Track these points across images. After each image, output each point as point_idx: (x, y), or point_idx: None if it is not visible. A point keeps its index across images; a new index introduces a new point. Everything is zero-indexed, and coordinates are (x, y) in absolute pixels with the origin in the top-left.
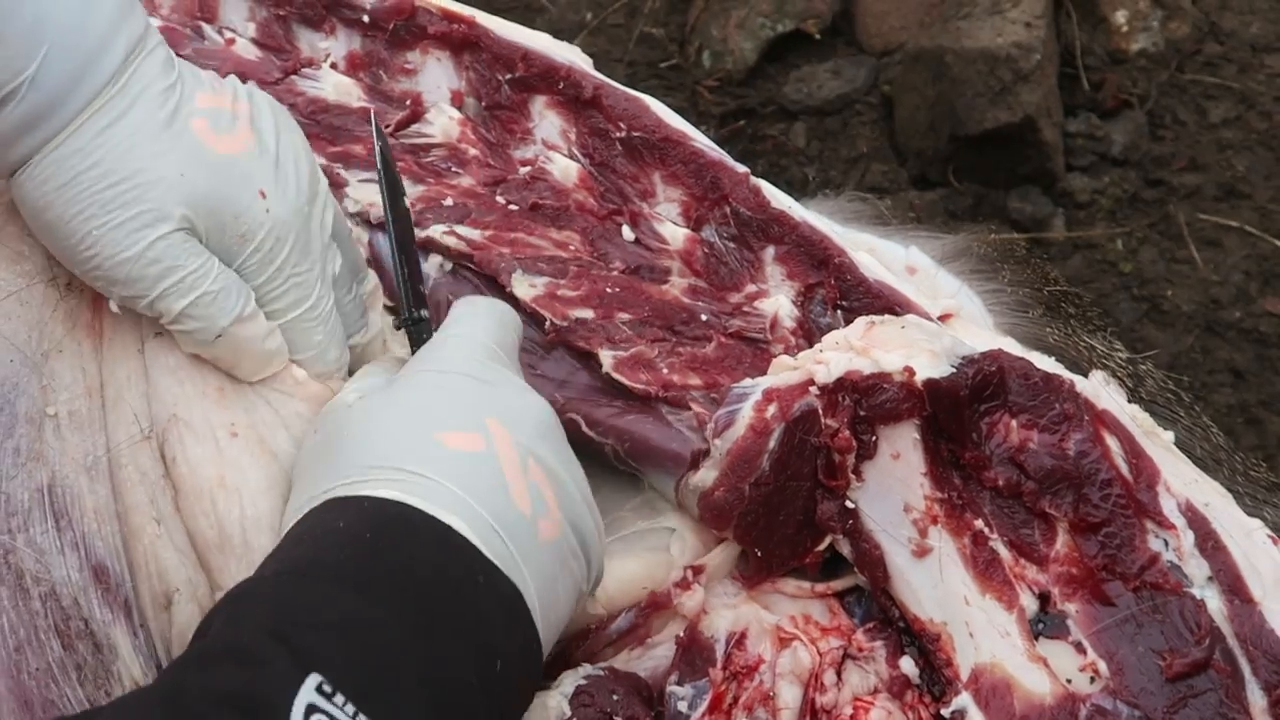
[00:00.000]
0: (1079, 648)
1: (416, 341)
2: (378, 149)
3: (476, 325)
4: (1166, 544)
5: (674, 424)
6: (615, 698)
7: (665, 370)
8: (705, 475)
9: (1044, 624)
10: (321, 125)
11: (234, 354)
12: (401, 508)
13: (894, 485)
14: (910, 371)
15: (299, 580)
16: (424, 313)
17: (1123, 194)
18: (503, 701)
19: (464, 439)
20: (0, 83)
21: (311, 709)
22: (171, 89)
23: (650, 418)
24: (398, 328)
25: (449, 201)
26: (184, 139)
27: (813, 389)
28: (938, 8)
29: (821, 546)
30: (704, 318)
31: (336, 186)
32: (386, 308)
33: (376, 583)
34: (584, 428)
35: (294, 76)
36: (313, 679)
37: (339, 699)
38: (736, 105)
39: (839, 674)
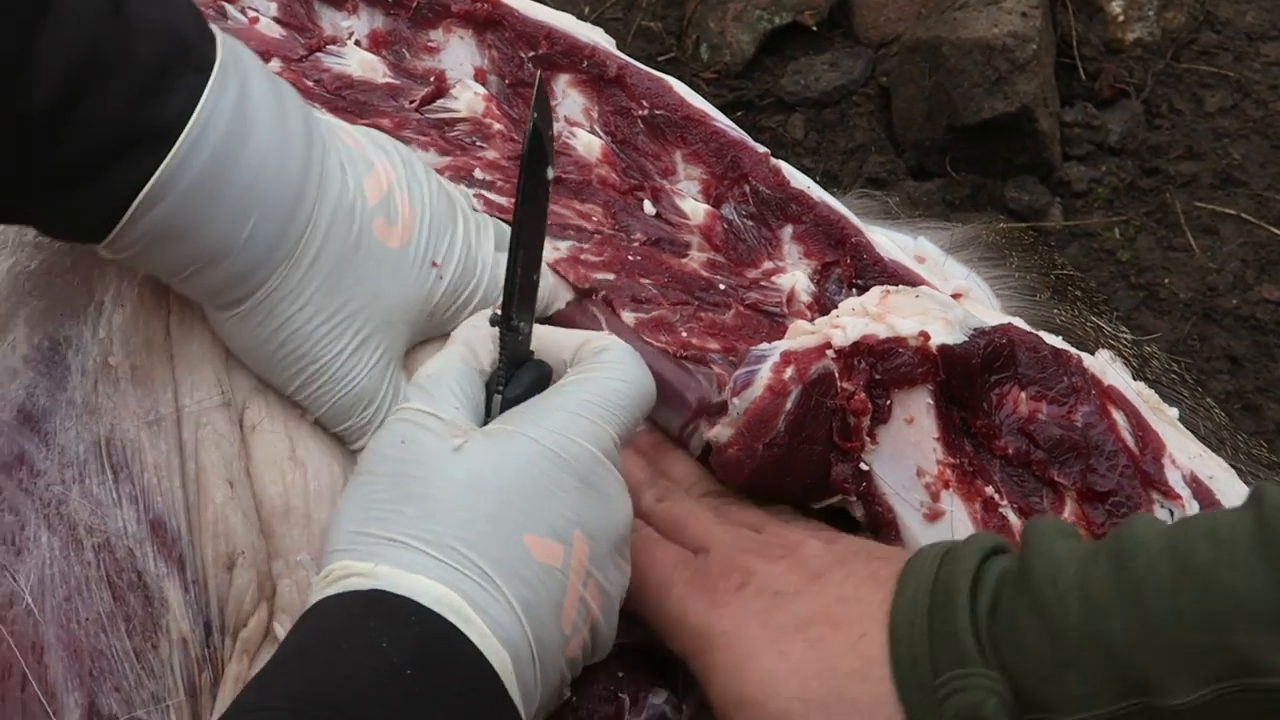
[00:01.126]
0: None
1: (508, 349)
2: (532, 121)
3: (618, 402)
4: (1172, 514)
5: (692, 370)
6: (620, 675)
7: (685, 333)
8: (721, 431)
9: None
10: (347, 100)
11: None
12: (448, 635)
13: (907, 449)
14: (925, 336)
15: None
16: (523, 325)
17: (1120, 183)
18: None
19: (547, 549)
20: (216, 246)
21: None
22: (354, 200)
23: (669, 360)
24: (493, 324)
25: (478, 173)
26: (370, 253)
27: (829, 352)
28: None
29: (819, 505)
30: (723, 288)
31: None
32: None
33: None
34: None
35: (318, 54)
36: None
37: None
38: (734, 97)
39: None
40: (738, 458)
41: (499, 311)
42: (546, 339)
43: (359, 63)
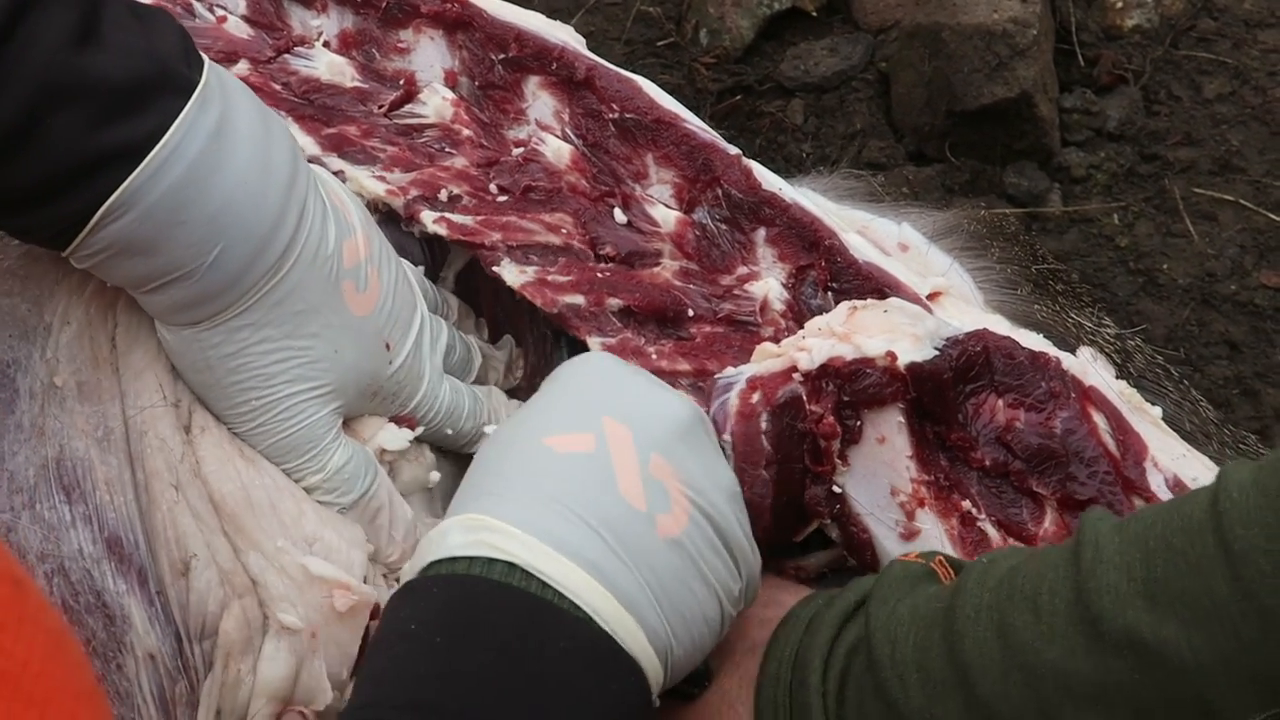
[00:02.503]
0: None
1: None
2: None
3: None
4: None
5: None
6: None
7: (654, 356)
8: None
9: None
10: (315, 106)
11: (369, 524)
12: (468, 586)
13: (880, 469)
14: (892, 356)
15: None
16: None
17: (1118, 169)
18: None
19: (573, 440)
20: (179, 264)
21: None
22: (331, 254)
23: None
24: None
25: (443, 193)
26: (337, 311)
27: (796, 376)
28: None
29: (810, 529)
30: (690, 312)
31: (327, 171)
32: None
33: (448, 709)
34: None
35: (286, 55)
36: None
37: None
38: (734, 82)
39: None
40: (756, 497)
41: None
42: None
43: (327, 65)
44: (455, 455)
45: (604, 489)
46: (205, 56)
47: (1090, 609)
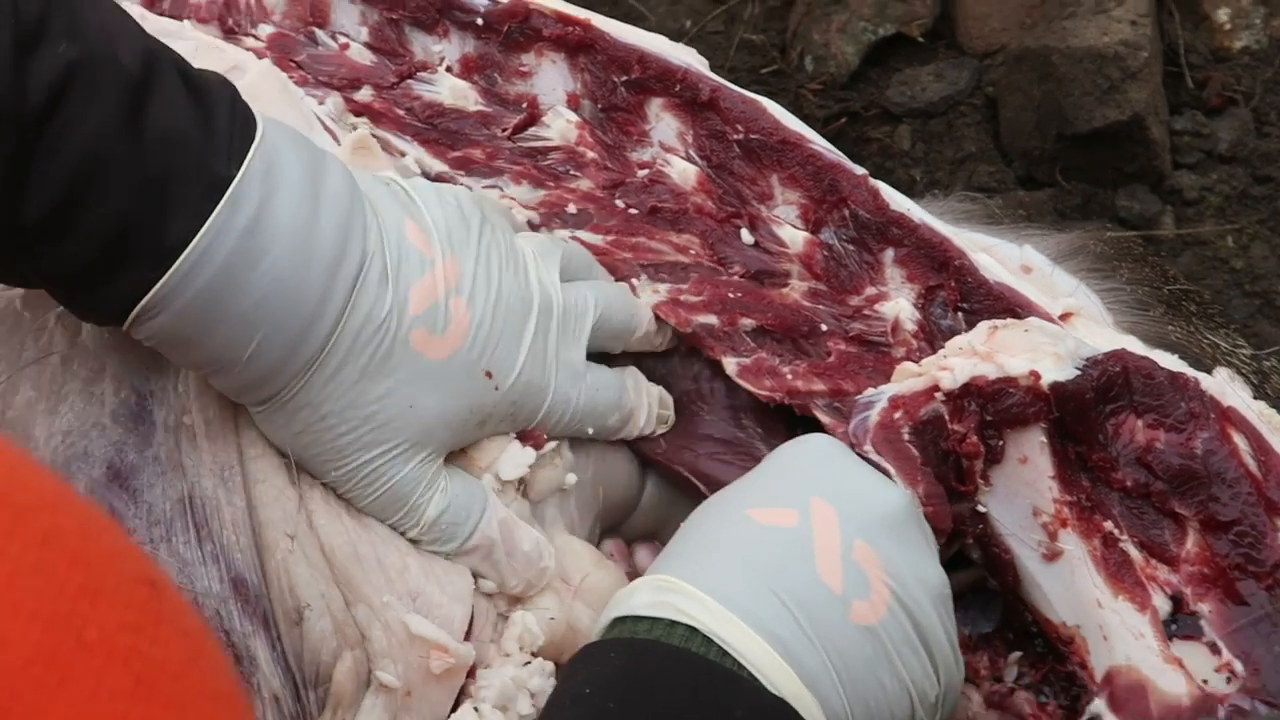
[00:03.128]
0: (1213, 648)
1: None
2: None
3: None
4: None
5: None
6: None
7: (789, 376)
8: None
9: (1177, 625)
10: (439, 130)
11: (483, 560)
12: (645, 652)
13: (1022, 489)
14: (1036, 376)
15: None
16: None
17: (1231, 191)
18: None
19: (776, 514)
20: (218, 359)
21: None
22: (389, 313)
23: None
24: None
25: (571, 209)
26: (403, 365)
27: (938, 395)
28: (1039, 9)
29: (953, 550)
30: (823, 328)
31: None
32: None
33: None
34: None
35: (409, 80)
36: None
37: None
38: (840, 109)
39: None
40: (932, 496)
41: None
42: None
43: (450, 90)
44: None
45: (800, 566)
46: (260, 119)
47: None
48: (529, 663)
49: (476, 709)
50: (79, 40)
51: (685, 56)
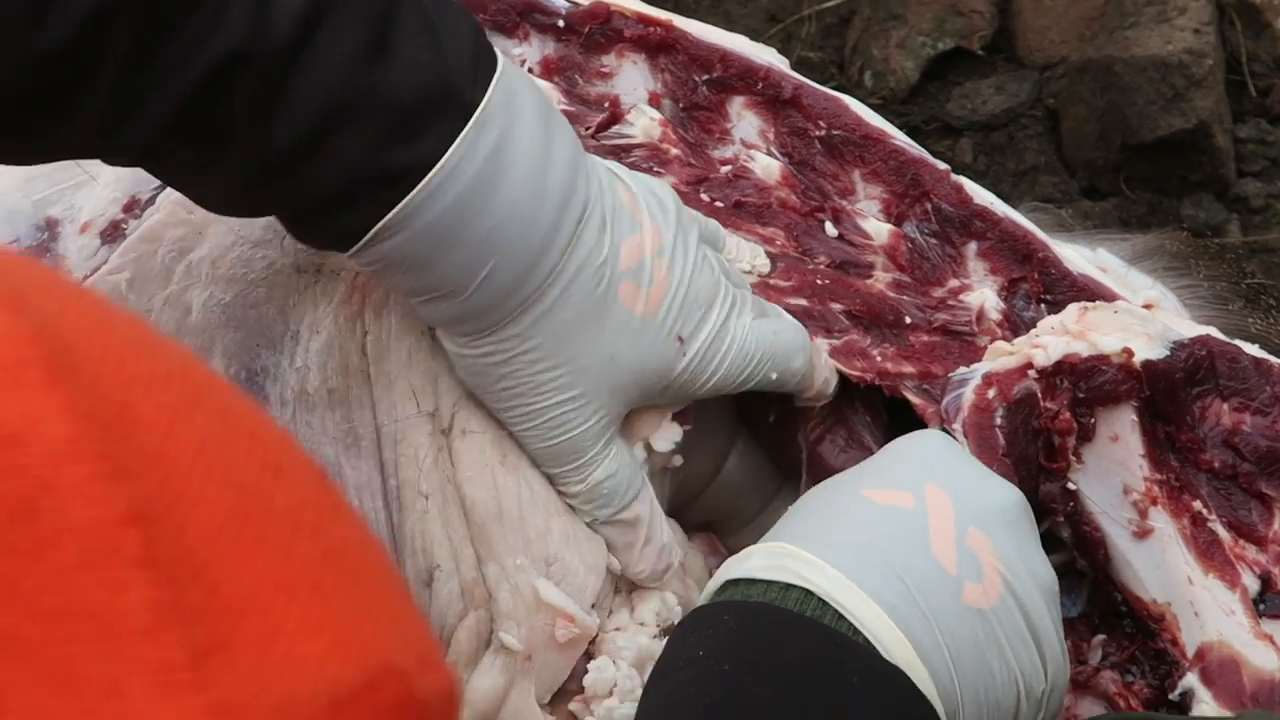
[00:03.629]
0: None
1: None
2: None
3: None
4: None
5: None
6: None
7: (879, 359)
8: None
9: (1265, 604)
10: None
11: (621, 536)
12: (762, 615)
13: (1113, 467)
14: (1129, 353)
15: None
16: None
17: None
18: None
19: (892, 495)
20: (449, 283)
21: None
22: (605, 261)
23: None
24: None
25: None
26: (611, 315)
27: (1031, 373)
28: (1098, 20)
29: (1042, 529)
30: (908, 320)
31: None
32: None
33: None
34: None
35: None
36: None
37: None
38: (901, 123)
39: None
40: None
41: None
42: None
43: None
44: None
45: (916, 544)
46: (500, 56)
47: None
48: (656, 636)
49: (615, 663)
50: None
51: (767, 56)
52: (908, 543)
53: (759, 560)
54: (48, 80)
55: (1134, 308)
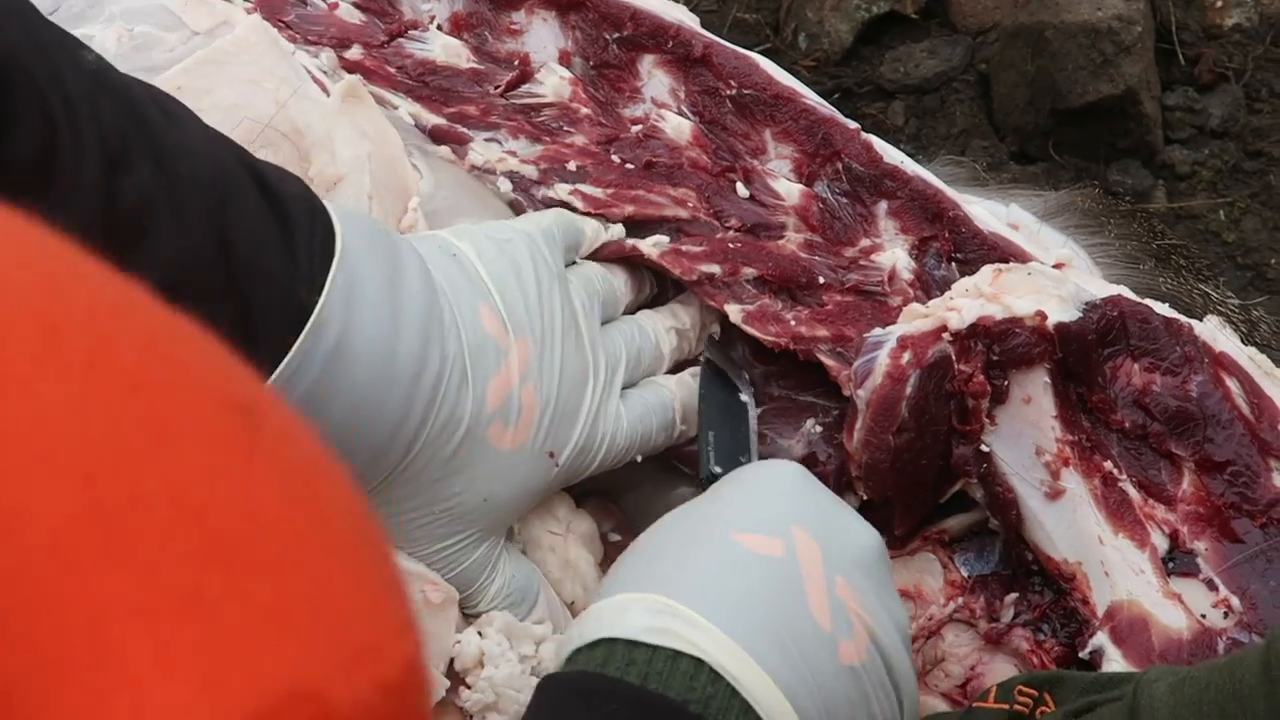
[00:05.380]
0: (1210, 585)
1: None
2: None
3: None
4: None
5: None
6: None
7: (793, 323)
8: (856, 440)
9: (1174, 562)
10: (431, 87)
11: (527, 644)
12: (645, 704)
13: (1026, 429)
14: (1042, 316)
15: None
16: (717, 469)
17: (1223, 165)
18: None
19: (763, 541)
20: None
21: None
22: (463, 417)
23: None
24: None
25: (571, 165)
26: (481, 460)
27: (945, 335)
28: None
29: (954, 489)
30: (821, 280)
31: (459, 143)
32: None
33: None
34: None
35: (400, 39)
36: None
37: None
38: (834, 85)
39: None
40: (873, 458)
41: (701, 474)
42: None
43: (442, 48)
44: None
45: (793, 601)
46: (338, 226)
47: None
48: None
49: (480, 633)
50: (161, 162)
51: (677, 13)
52: (786, 600)
53: (640, 619)
54: None
55: (1047, 269)
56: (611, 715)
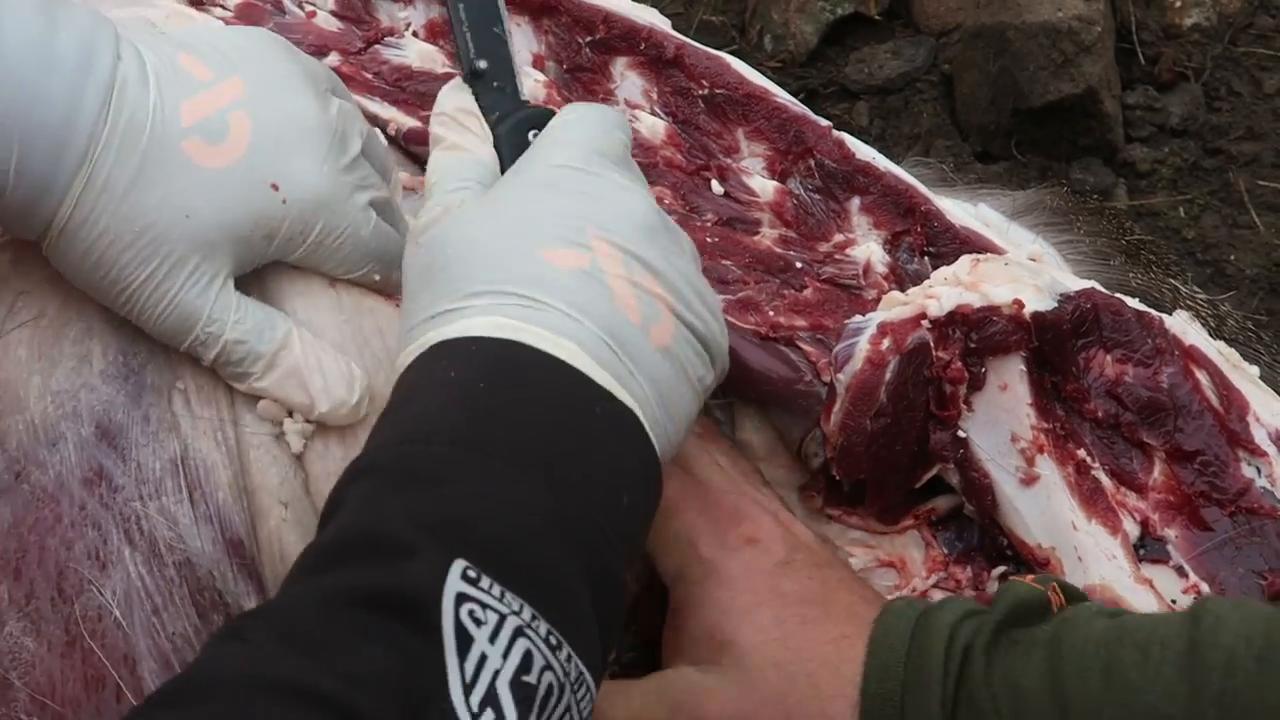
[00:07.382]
0: (1180, 571)
1: (496, 109)
2: None
3: (581, 128)
4: (1259, 471)
5: (797, 363)
6: None
7: (771, 313)
8: (833, 422)
9: (1145, 549)
10: (408, 92)
11: (298, 391)
12: (511, 347)
13: (1002, 416)
14: (1019, 304)
15: (424, 450)
16: (481, 64)
17: (1183, 163)
18: (629, 532)
19: (569, 256)
20: None
21: (461, 598)
22: (153, 118)
23: (773, 355)
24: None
25: None
26: (179, 173)
27: (924, 323)
28: None
29: (930, 474)
30: (799, 265)
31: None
32: None
33: (498, 442)
34: None
35: (377, 46)
36: (458, 565)
37: (485, 581)
38: (799, 86)
39: None
40: (849, 440)
41: (464, 71)
42: None
43: (418, 54)
44: None
45: (606, 303)
46: None
47: (1203, 663)
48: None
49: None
50: None
51: (648, 16)
52: (601, 304)
53: (478, 324)
54: None
55: (1023, 260)
56: (471, 354)
